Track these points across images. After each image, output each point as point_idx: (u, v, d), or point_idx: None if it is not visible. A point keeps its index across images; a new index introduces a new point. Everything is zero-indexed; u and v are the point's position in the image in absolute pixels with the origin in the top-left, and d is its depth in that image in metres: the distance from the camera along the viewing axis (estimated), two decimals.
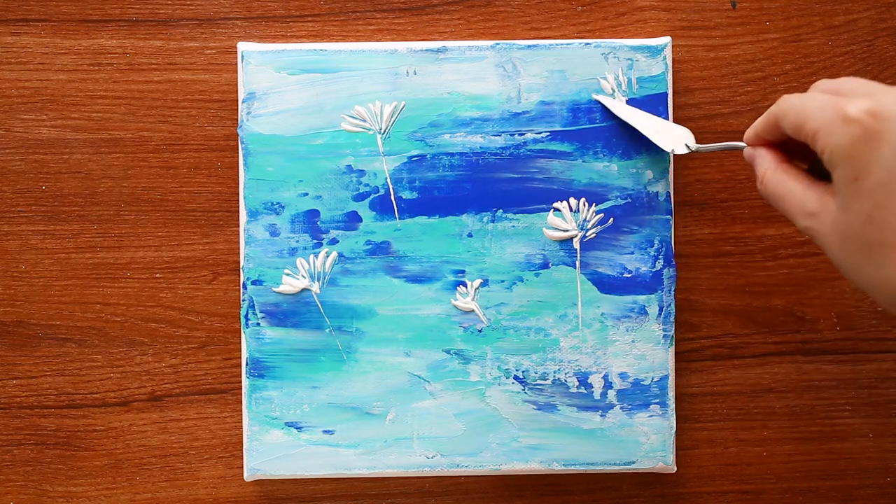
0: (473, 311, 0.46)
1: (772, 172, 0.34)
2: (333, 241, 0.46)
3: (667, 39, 0.46)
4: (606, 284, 0.46)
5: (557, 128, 0.46)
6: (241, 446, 0.48)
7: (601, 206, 0.46)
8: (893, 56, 0.48)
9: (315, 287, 0.46)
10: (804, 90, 0.48)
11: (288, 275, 0.46)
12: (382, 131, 0.46)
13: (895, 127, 0.28)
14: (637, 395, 0.46)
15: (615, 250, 0.46)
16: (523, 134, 0.46)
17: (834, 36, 0.48)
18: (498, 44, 0.46)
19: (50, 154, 0.48)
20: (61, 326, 0.48)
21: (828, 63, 0.48)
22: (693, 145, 0.43)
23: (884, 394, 0.48)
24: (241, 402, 0.48)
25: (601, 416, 0.46)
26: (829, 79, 0.34)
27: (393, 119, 0.46)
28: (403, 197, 0.46)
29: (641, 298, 0.46)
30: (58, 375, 0.48)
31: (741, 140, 0.39)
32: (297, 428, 0.46)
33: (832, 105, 0.30)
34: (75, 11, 0.48)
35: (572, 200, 0.46)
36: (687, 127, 0.48)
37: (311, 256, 0.46)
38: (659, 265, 0.46)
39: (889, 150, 0.28)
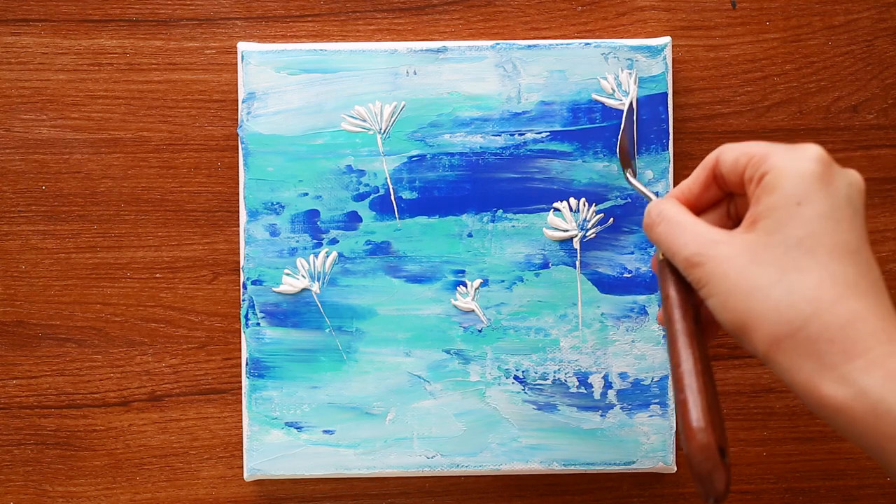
0: (473, 311, 0.46)
1: (675, 206, 0.35)
2: (333, 241, 0.46)
3: (667, 39, 0.46)
4: (606, 284, 0.46)
5: (557, 128, 0.46)
6: (241, 446, 0.48)
7: (601, 206, 0.46)
8: (893, 56, 0.48)
9: (315, 287, 0.46)
10: (804, 90, 0.48)
11: (288, 275, 0.46)
12: (382, 131, 0.46)
13: (843, 178, 0.32)
14: (637, 395, 0.46)
15: (615, 250, 0.46)
16: (523, 134, 0.46)
17: (834, 36, 0.48)
18: (498, 44, 0.46)
19: (50, 154, 0.48)
20: (61, 326, 0.48)
21: (828, 63, 0.48)
22: (630, 177, 0.43)
23: None
24: (241, 402, 0.48)
25: (601, 416, 0.46)
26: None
27: (393, 119, 0.46)
28: (403, 197, 0.46)
29: (641, 298, 0.46)
30: (58, 375, 0.48)
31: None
32: (297, 428, 0.46)
33: (786, 146, 0.32)
34: (75, 11, 0.48)
35: (572, 200, 0.46)
36: (687, 127, 0.48)
37: (311, 256, 0.46)
38: None
39: (836, 192, 0.31)
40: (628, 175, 0.43)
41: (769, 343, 0.30)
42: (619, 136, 0.45)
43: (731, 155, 0.34)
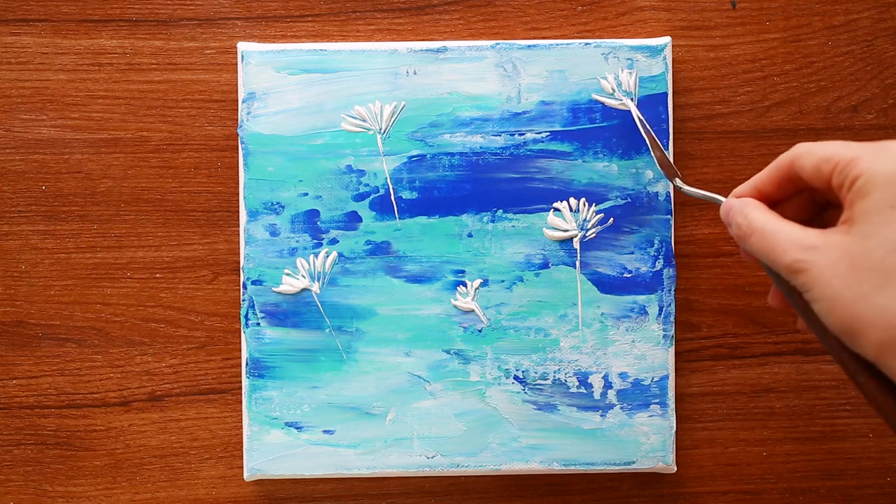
0: (473, 311, 0.46)
1: (761, 212, 0.34)
2: (333, 241, 0.46)
3: (667, 39, 0.46)
4: (606, 284, 0.46)
5: (557, 128, 0.46)
6: (241, 446, 0.48)
7: (601, 206, 0.46)
8: (893, 56, 0.48)
9: (315, 287, 0.46)
10: (804, 90, 0.48)
11: (288, 275, 0.46)
12: (382, 131, 0.46)
13: None
14: (637, 395, 0.46)
15: (615, 250, 0.46)
16: (523, 134, 0.46)
17: (834, 36, 0.48)
18: (498, 44, 0.46)
19: (50, 154, 0.48)
20: (61, 326, 0.48)
21: (828, 63, 0.48)
22: (683, 185, 0.42)
23: None
24: (241, 402, 0.48)
25: (601, 416, 0.46)
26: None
27: (393, 119, 0.46)
28: (403, 197, 0.46)
29: (641, 298, 0.46)
30: (58, 375, 0.48)
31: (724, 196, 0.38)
32: (297, 428, 0.46)
33: (870, 143, 0.32)
34: (75, 11, 0.48)
35: (572, 200, 0.46)
36: (687, 127, 0.48)
37: (311, 256, 0.46)
38: (659, 265, 0.46)
39: None
40: (680, 184, 0.42)
41: (878, 348, 0.30)
42: (653, 152, 0.44)
43: (810, 162, 0.33)
